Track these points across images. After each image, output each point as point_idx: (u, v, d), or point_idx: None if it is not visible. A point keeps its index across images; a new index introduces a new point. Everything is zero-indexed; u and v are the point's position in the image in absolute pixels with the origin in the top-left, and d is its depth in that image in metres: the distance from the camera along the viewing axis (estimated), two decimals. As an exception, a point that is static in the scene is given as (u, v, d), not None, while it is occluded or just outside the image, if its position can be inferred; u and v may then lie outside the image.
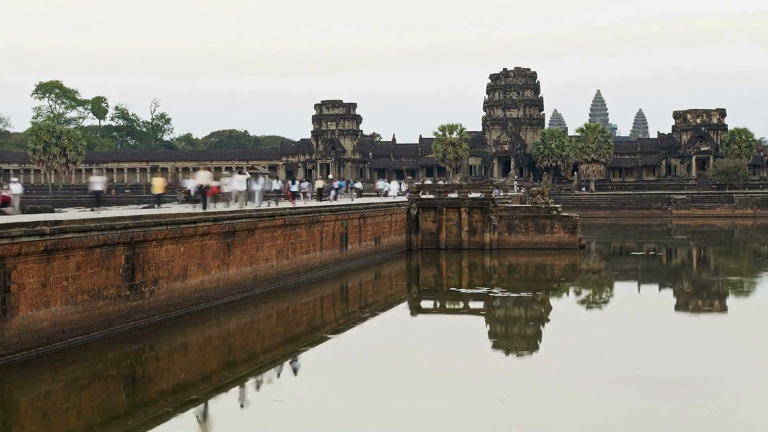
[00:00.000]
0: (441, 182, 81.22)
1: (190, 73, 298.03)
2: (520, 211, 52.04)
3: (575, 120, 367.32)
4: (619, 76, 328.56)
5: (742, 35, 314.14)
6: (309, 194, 48.82)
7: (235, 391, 18.39)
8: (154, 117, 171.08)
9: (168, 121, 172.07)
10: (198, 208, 29.62)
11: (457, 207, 51.49)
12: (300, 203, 40.60)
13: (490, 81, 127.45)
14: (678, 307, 31.89)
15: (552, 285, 38.00)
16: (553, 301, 33.52)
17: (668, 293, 36.88)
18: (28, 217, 24.26)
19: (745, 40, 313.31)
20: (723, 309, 31.43)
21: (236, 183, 33.21)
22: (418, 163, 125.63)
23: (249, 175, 35.90)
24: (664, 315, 29.52)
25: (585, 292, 37.03)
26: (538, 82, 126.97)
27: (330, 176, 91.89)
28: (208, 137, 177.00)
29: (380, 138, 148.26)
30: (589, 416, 16.09)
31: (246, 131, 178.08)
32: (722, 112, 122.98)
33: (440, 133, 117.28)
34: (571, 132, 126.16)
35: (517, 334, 26.06)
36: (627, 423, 15.61)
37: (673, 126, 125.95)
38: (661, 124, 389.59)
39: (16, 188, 31.76)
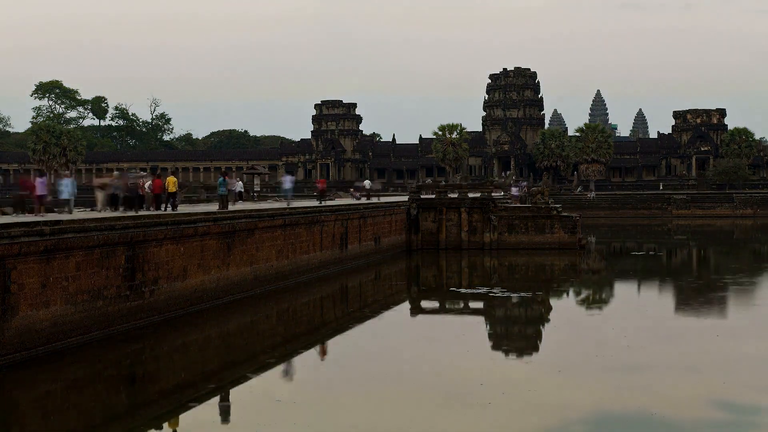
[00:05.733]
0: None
1: (191, 73, 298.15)
2: (520, 211, 52.01)
3: (575, 120, 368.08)
4: (619, 76, 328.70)
5: (743, 34, 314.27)
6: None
7: (235, 391, 18.39)
8: (154, 117, 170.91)
9: (168, 121, 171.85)
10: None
11: (457, 207, 51.46)
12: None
13: (490, 81, 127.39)
14: (678, 308, 31.90)
15: (552, 285, 38.00)
16: (553, 301, 33.52)
17: (668, 293, 36.89)
18: (28, 217, 24.25)
19: (746, 40, 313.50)
20: (723, 309, 31.41)
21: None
22: (418, 163, 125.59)
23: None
24: (663, 315, 29.51)
25: (585, 292, 37.03)
26: (538, 82, 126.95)
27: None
28: (208, 137, 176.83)
29: (380, 138, 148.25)
30: (589, 415, 16.10)
31: (246, 131, 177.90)
32: (722, 112, 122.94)
33: (440, 133, 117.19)
34: (571, 132, 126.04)
35: (517, 334, 26.07)
36: (625, 421, 15.63)
37: (673, 126, 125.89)
38: (661, 124, 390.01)
39: None
